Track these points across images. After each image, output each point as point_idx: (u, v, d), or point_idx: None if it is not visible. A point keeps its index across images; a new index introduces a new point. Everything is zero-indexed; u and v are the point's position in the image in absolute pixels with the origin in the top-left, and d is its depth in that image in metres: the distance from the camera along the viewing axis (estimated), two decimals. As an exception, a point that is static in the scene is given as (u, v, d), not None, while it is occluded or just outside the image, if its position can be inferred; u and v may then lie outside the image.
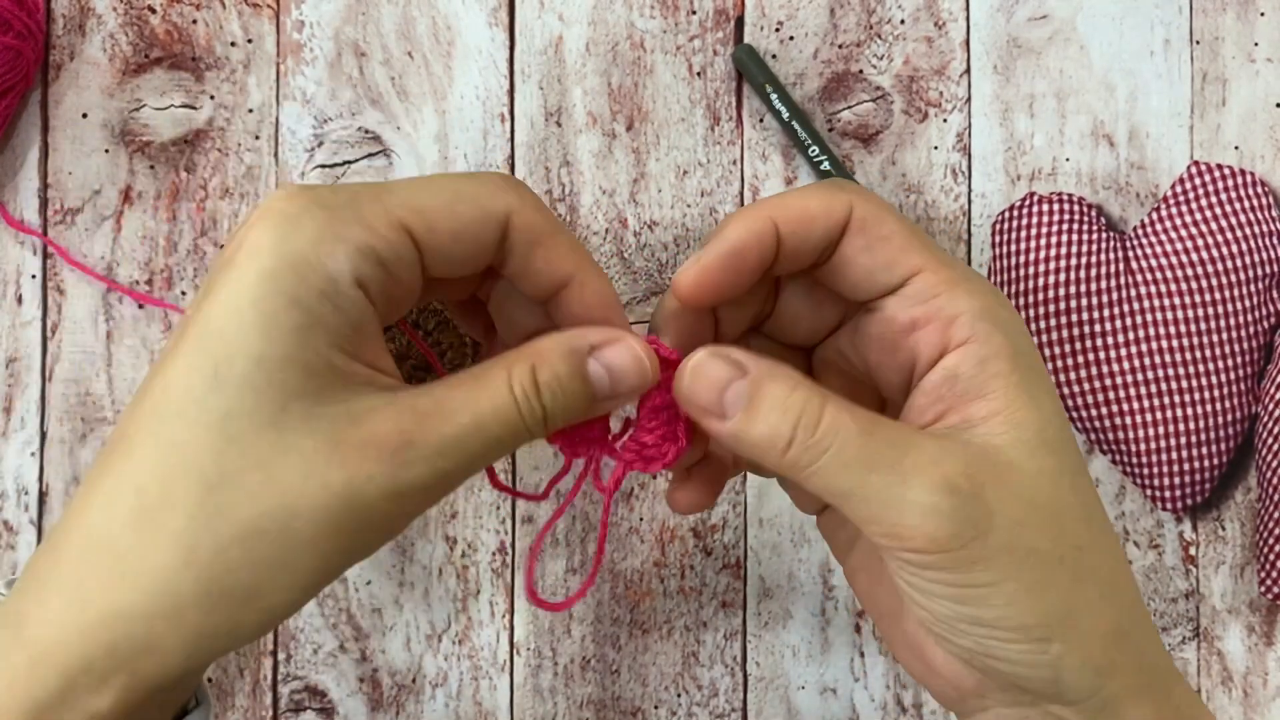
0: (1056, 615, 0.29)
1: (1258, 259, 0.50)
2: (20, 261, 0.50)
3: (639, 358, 0.31)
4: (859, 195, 0.32)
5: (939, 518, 0.28)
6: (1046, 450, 0.30)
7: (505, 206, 0.30)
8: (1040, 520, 0.29)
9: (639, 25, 0.51)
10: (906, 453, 0.29)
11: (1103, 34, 0.52)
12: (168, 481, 0.27)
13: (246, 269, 0.27)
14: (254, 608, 0.27)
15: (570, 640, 0.50)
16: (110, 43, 0.50)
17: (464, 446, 0.28)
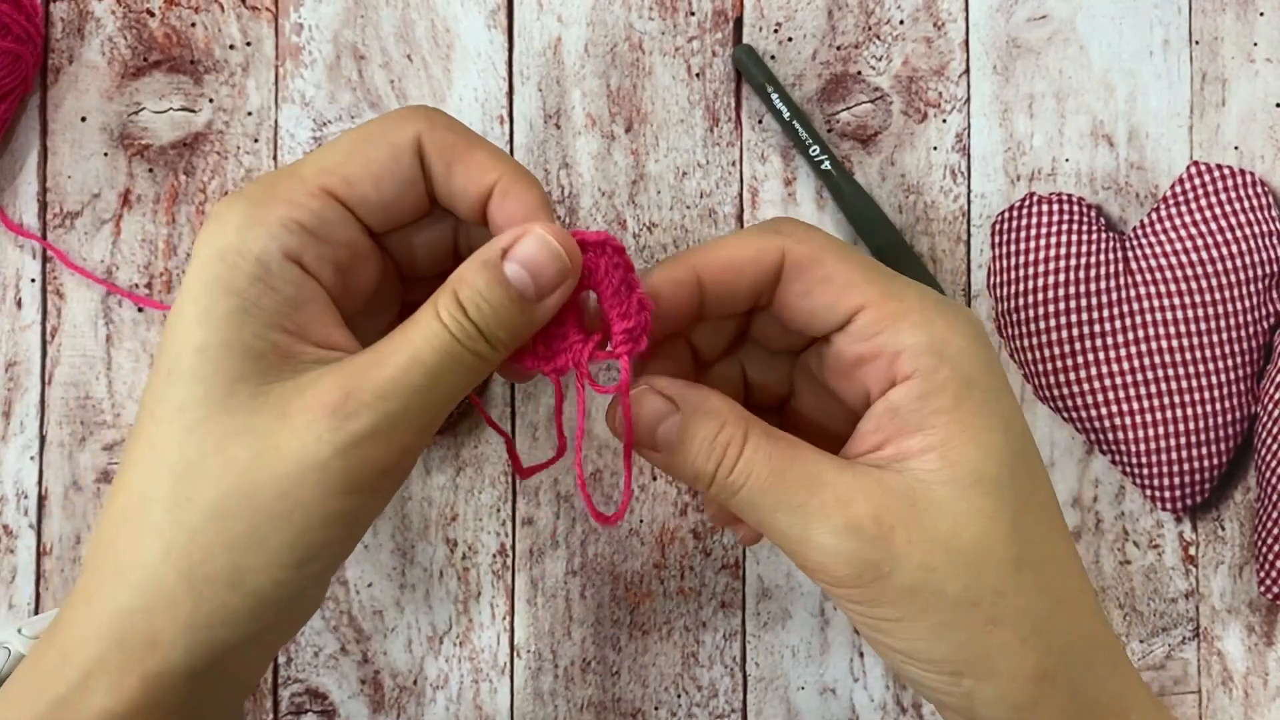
0: (966, 655, 0.30)
1: (1257, 259, 0.50)
2: (20, 265, 0.50)
3: (549, 243, 0.30)
4: (794, 238, 0.32)
5: (838, 559, 0.29)
6: (981, 490, 0.30)
7: (413, 131, 0.30)
8: (954, 565, 0.29)
9: (638, 26, 0.51)
10: (815, 493, 0.30)
11: (1102, 34, 0.52)
12: (144, 479, 0.29)
13: (189, 274, 0.29)
14: (239, 591, 0.28)
15: (570, 642, 0.51)
16: (109, 46, 0.50)
17: (406, 384, 0.28)
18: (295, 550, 0.28)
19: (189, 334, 0.28)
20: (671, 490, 0.51)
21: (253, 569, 0.28)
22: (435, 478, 0.50)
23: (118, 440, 0.49)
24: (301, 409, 0.28)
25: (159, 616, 0.28)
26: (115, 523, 0.29)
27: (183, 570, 0.28)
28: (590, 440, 0.51)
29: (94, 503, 0.49)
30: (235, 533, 0.28)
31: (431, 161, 0.31)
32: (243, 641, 0.29)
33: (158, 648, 0.28)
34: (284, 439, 0.28)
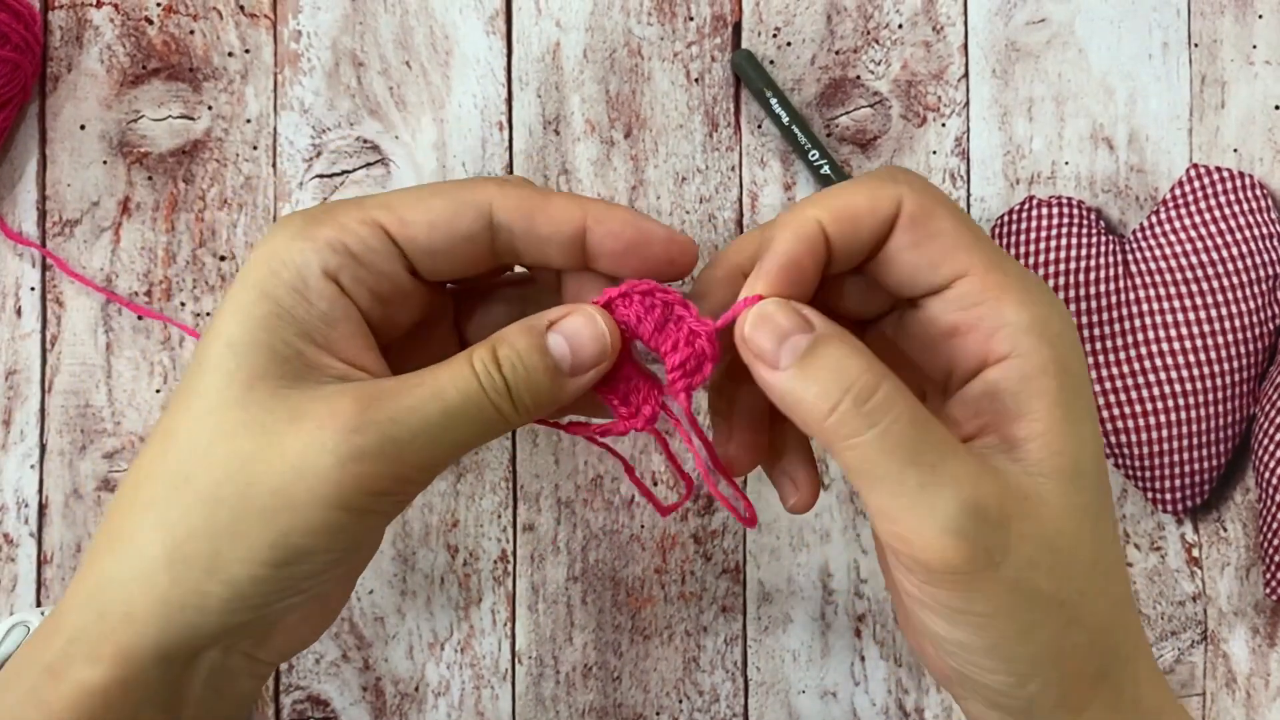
0: (1042, 657, 0.29)
1: (1258, 261, 0.50)
2: (19, 274, 0.50)
3: (594, 322, 0.31)
4: (910, 187, 0.30)
5: (959, 539, 0.27)
6: (1079, 485, 0.29)
7: (484, 195, 0.31)
8: (1052, 562, 0.28)
9: (636, 32, 0.51)
10: (948, 458, 0.28)
11: (1101, 37, 0.52)
12: (154, 458, 0.29)
13: (238, 277, 0.30)
14: (216, 578, 0.28)
15: (572, 648, 0.51)
16: (108, 54, 0.50)
17: (420, 414, 0.28)
18: (276, 549, 0.28)
19: (222, 329, 0.29)
20: (672, 496, 0.51)
21: (230, 558, 0.28)
22: (436, 484, 0.50)
23: (118, 448, 0.49)
24: (314, 415, 0.28)
25: (137, 588, 0.29)
26: (120, 496, 0.30)
27: (166, 546, 0.28)
28: (591, 446, 0.51)
29: (94, 511, 0.49)
30: (221, 519, 0.28)
31: (511, 220, 0.31)
32: (216, 633, 0.29)
33: (133, 621, 0.29)
34: (290, 440, 0.28)
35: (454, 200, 0.31)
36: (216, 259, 0.50)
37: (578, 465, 0.51)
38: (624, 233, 0.31)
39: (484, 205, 0.31)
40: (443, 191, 0.31)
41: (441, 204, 0.31)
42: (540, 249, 0.32)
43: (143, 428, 0.49)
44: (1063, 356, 0.29)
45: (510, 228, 0.31)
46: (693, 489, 0.35)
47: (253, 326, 0.29)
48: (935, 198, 0.30)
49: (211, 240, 0.50)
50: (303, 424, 0.28)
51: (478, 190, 0.31)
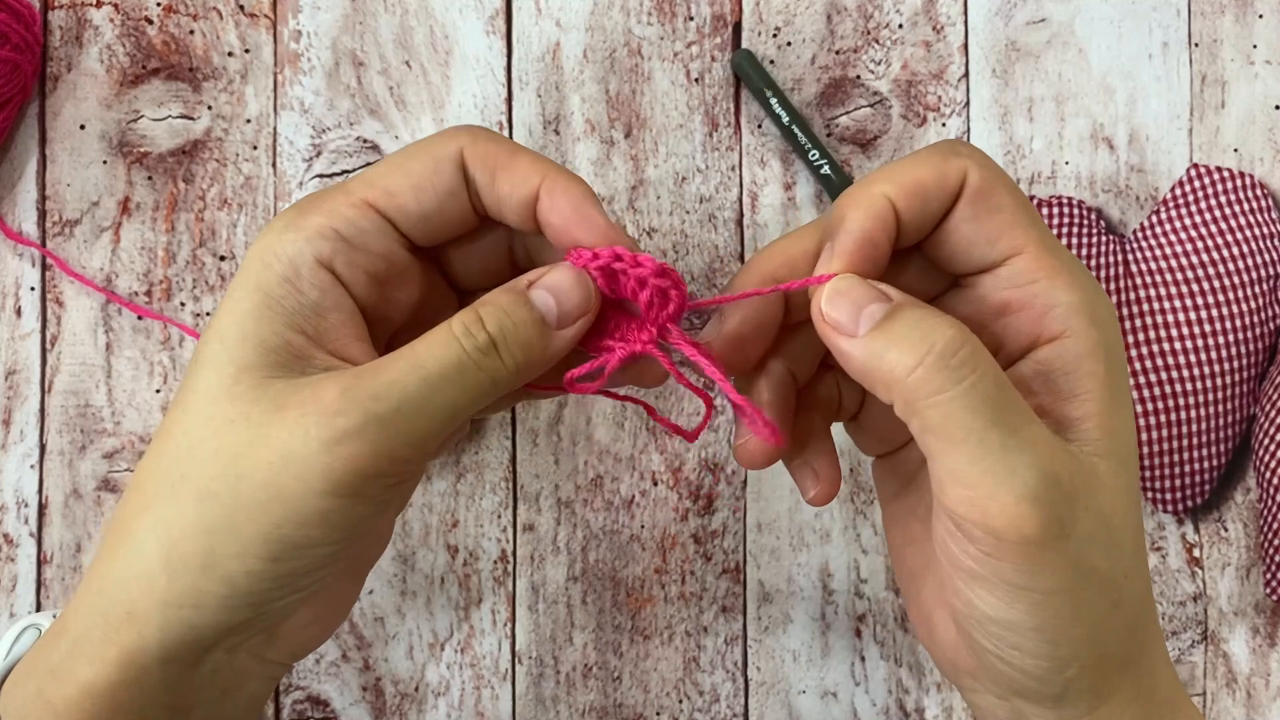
0: (1087, 640, 0.29)
1: (1259, 261, 0.50)
2: (19, 273, 0.50)
3: (579, 274, 0.31)
4: (974, 160, 0.30)
5: (1036, 506, 0.27)
6: (1126, 465, 0.29)
7: (455, 146, 0.31)
8: (1107, 540, 0.28)
9: (636, 32, 0.51)
10: (1028, 424, 0.28)
11: (1101, 37, 0.52)
12: (153, 458, 0.30)
13: (235, 275, 0.30)
14: (210, 575, 0.28)
15: (572, 648, 0.51)
16: (107, 54, 0.50)
17: (400, 388, 0.28)
18: (270, 543, 0.28)
19: (216, 325, 0.29)
20: (672, 495, 0.51)
21: (225, 555, 0.28)
22: (436, 484, 0.50)
23: (118, 448, 0.49)
24: (297, 403, 0.28)
25: (137, 587, 0.29)
26: (123, 499, 0.30)
27: (164, 544, 0.28)
28: (592, 446, 0.51)
29: (94, 511, 0.49)
30: (214, 515, 0.28)
31: (476, 173, 0.31)
32: (217, 632, 0.29)
33: (134, 620, 0.29)
34: (274, 430, 0.28)
35: (430, 157, 0.31)
36: (216, 259, 0.50)
37: (578, 465, 0.51)
38: (565, 212, 0.31)
39: (457, 157, 0.31)
40: (417, 152, 0.31)
41: (419, 165, 0.31)
42: (498, 206, 0.32)
43: (143, 428, 0.49)
44: (1110, 340, 0.30)
45: (475, 179, 0.31)
46: (712, 407, 0.35)
47: (242, 319, 0.29)
48: (998, 173, 0.31)
49: (211, 240, 0.50)
50: (287, 413, 0.28)
51: (449, 143, 0.31)
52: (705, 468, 0.51)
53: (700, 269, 0.51)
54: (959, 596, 0.30)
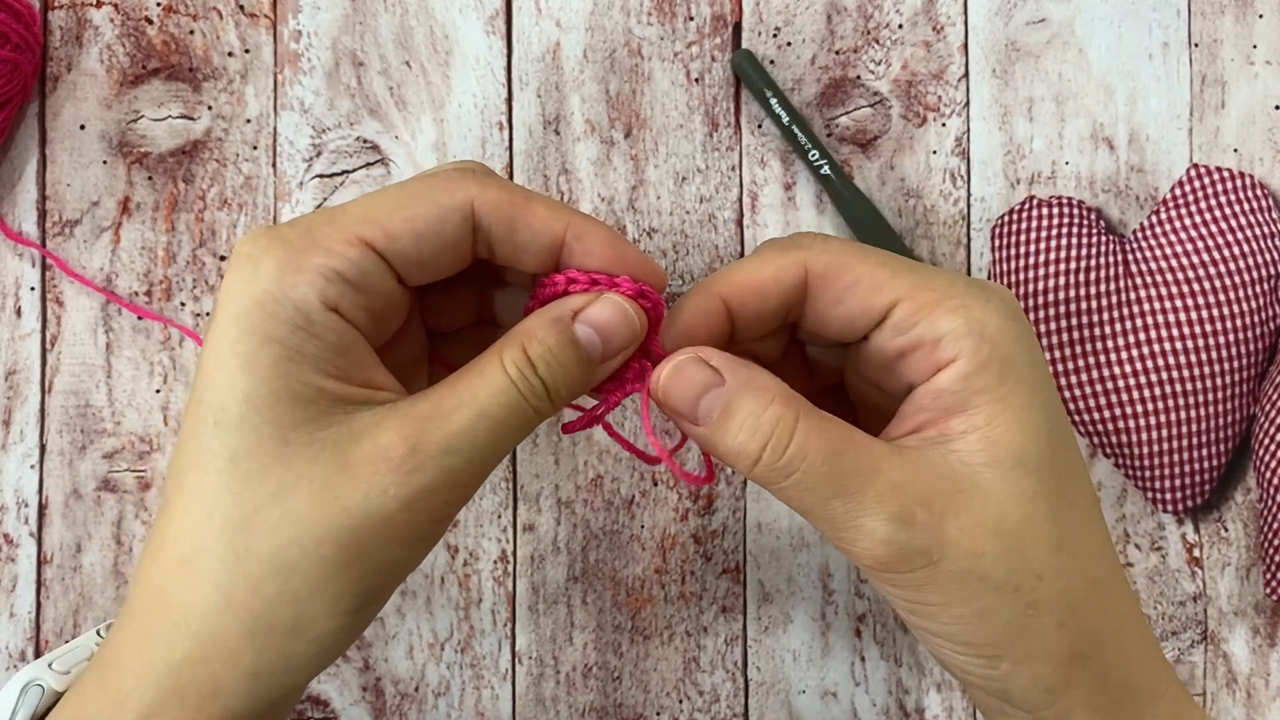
0: (1004, 638, 0.30)
1: (1258, 261, 0.50)
2: (19, 274, 0.50)
3: (622, 309, 0.31)
4: (813, 250, 0.32)
5: (890, 547, 0.29)
6: (1023, 471, 0.30)
7: (464, 196, 0.30)
8: (1000, 549, 0.29)
9: (636, 32, 0.51)
10: (871, 480, 0.29)
11: (1101, 37, 0.52)
12: (197, 529, 0.28)
13: (222, 317, 0.29)
14: (302, 639, 0.28)
15: (572, 648, 0.51)
16: (107, 54, 0.50)
17: (470, 439, 0.28)
18: (355, 598, 0.28)
19: (233, 383, 0.28)
20: (672, 495, 0.51)
21: (314, 618, 0.28)
22: (436, 484, 0.50)
23: (118, 448, 0.49)
24: (364, 460, 0.28)
25: (220, 667, 0.28)
26: (166, 571, 0.29)
27: (244, 621, 0.28)
28: (591, 446, 0.51)
29: (94, 511, 0.49)
30: (296, 584, 0.28)
31: (489, 224, 0.31)
32: (303, 684, 0.30)
33: (219, 696, 0.28)
34: (346, 490, 0.28)
35: (438, 206, 0.30)
36: (216, 259, 0.50)
37: (578, 465, 0.51)
38: (602, 252, 0.31)
39: (466, 209, 0.30)
40: (422, 195, 0.30)
41: (424, 211, 0.30)
42: (516, 254, 0.31)
43: (143, 428, 0.49)
44: (1005, 352, 0.30)
45: (490, 230, 0.31)
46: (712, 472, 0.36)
47: (267, 376, 0.28)
48: (840, 250, 0.31)
49: (211, 240, 0.50)
50: (355, 470, 0.28)
51: (457, 191, 0.30)
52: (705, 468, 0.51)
53: (700, 269, 0.51)
54: (896, 610, 0.32)
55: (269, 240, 0.29)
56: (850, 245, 0.32)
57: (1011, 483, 0.29)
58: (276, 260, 0.29)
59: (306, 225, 0.30)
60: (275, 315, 0.28)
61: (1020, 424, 0.30)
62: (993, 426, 0.30)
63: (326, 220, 0.30)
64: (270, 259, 0.29)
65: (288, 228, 0.30)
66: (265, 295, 0.28)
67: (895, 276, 0.31)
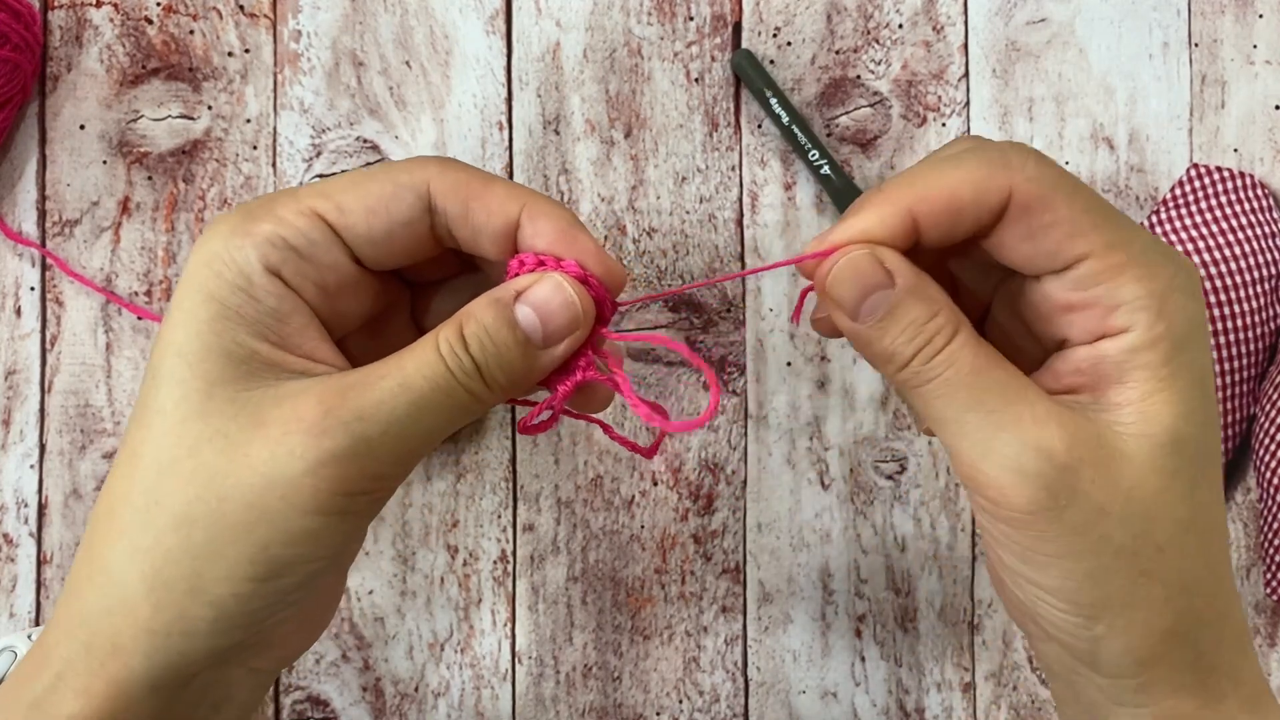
0: (1110, 603, 0.29)
1: (1259, 260, 0.50)
2: (19, 273, 0.50)
3: (564, 290, 0.30)
4: (1022, 173, 0.29)
5: (1020, 478, 0.28)
6: (1171, 450, 0.29)
7: (421, 176, 0.30)
8: (1127, 513, 0.29)
9: (636, 32, 0.51)
10: (1012, 403, 0.29)
11: (1101, 37, 0.52)
12: (121, 481, 0.28)
13: (179, 281, 0.29)
14: (198, 600, 0.28)
15: (572, 648, 0.51)
16: (107, 54, 0.50)
17: (389, 409, 0.28)
18: (256, 564, 0.28)
19: (171, 337, 0.28)
20: (672, 495, 0.51)
21: (212, 578, 0.27)
22: (436, 484, 0.50)
23: (117, 448, 0.49)
24: (278, 419, 0.27)
25: (120, 619, 0.28)
26: (93, 524, 0.29)
27: (145, 573, 0.28)
28: (591, 446, 0.50)
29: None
30: (197, 540, 0.27)
31: (446, 204, 0.30)
32: (207, 656, 0.29)
33: (120, 653, 0.28)
34: (256, 449, 0.27)
35: (391, 183, 0.30)
36: (216, 259, 0.50)
37: (578, 465, 0.51)
38: (550, 233, 0.30)
39: (421, 188, 0.30)
40: (380, 175, 0.30)
41: (378, 188, 0.30)
42: (473, 237, 0.31)
43: (142, 428, 0.49)
44: (1178, 331, 0.29)
45: (446, 211, 0.30)
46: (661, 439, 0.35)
47: (201, 331, 0.28)
48: (1050, 182, 0.30)
49: (211, 240, 0.50)
50: (268, 430, 0.27)
51: (415, 171, 0.30)
52: (705, 468, 0.51)
53: (700, 269, 0.51)
54: (994, 555, 0.31)
55: (231, 213, 0.30)
56: (1060, 176, 0.30)
57: (1156, 458, 0.29)
58: (230, 225, 0.29)
59: (267, 199, 0.30)
60: (219, 275, 0.28)
61: (1179, 406, 0.29)
62: (1150, 402, 0.29)
63: (287, 195, 0.30)
64: (225, 225, 0.29)
65: (251, 201, 0.30)
66: (213, 256, 0.29)
67: (1095, 228, 0.29)
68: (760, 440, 0.51)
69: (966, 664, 0.51)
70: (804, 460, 0.51)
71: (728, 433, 0.51)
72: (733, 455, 0.51)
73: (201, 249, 0.29)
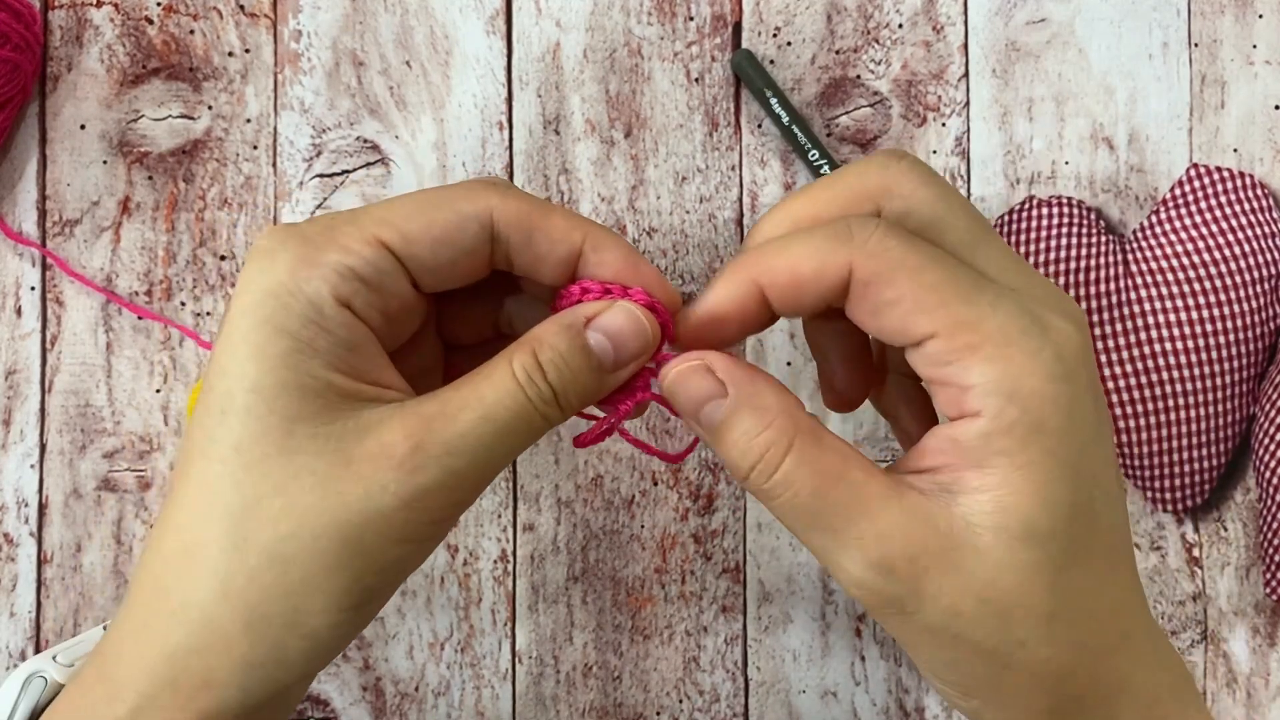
0: (978, 688, 0.30)
1: (1258, 261, 0.50)
2: (19, 273, 0.50)
3: (635, 317, 0.31)
4: (864, 249, 0.29)
5: (865, 590, 0.29)
6: (1030, 543, 0.28)
7: (484, 205, 0.30)
8: (982, 613, 0.28)
9: (636, 32, 0.51)
10: (854, 522, 0.29)
11: (1101, 37, 0.52)
12: (198, 517, 0.28)
13: (236, 308, 0.29)
14: (297, 633, 0.28)
15: (572, 648, 0.51)
16: (108, 54, 0.50)
17: (474, 441, 0.28)
18: (352, 595, 0.28)
19: (242, 372, 0.28)
20: (672, 495, 0.51)
21: (310, 612, 0.28)
22: (436, 484, 0.50)
23: (118, 448, 0.49)
24: (367, 456, 0.28)
25: (214, 657, 0.28)
26: (166, 560, 0.29)
27: (240, 612, 0.28)
28: (592, 446, 0.50)
29: (95, 511, 0.49)
30: (294, 577, 0.28)
31: (507, 232, 0.31)
32: (298, 682, 0.29)
33: (212, 687, 0.28)
34: (348, 485, 0.27)
35: (456, 213, 0.30)
36: (217, 259, 0.50)
37: (578, 465, 0.51)
38: (617, 264, 0.31)
39: (485, 217, 0.30)
40: (442, 203, 0.30)
41: (444, 218, 0.30)
42: (534, 265, 0.31)
43: (143, 427, 0.49)
44: (1034, 417, 0.28)
45: (508, 240, 0.31)
46: None
47: (276, 366, 0.28)
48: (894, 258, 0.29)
49: (212, 240, 0.50)
50: (358, 466, 0.28)
51: (478, 200, 0.30)
52: (705, 468, 0.51)
53: (700, 269, 0.51)
54: None
55: (287, 235, 0.29)
56: (910, 249, 0.29)
57: (1013, 552, 0.28)
58: (293, 254, 0.29)
59: (326, 223, 0.30)
60: (288, 307, 0.28)
61: (1037, 496, 0.28)
62: (1005, 492, 0.28)
63: (347, 220, 0.30)
64: (287, 253, 0.29)
65: (308, 225, 0.30)
66: (279, 287, 0.28)
67: (941, 305, 0.28)
68: (760, 440, 0.51)
69: (966, 664, 0.51)
70: (804, 460, 0.51)
71: (728, 432, 0.51)
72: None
73: (261, 277, 0.29)
